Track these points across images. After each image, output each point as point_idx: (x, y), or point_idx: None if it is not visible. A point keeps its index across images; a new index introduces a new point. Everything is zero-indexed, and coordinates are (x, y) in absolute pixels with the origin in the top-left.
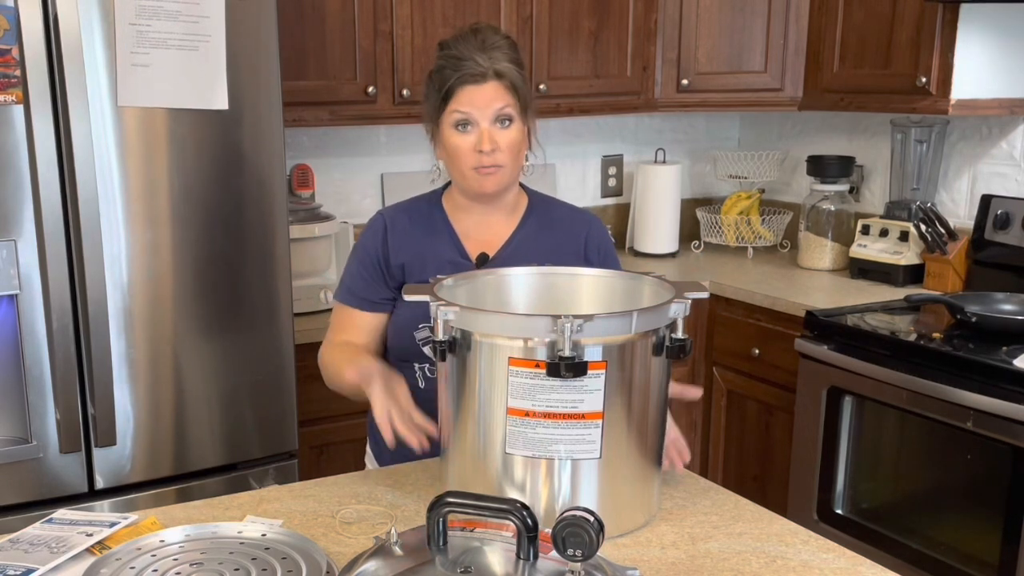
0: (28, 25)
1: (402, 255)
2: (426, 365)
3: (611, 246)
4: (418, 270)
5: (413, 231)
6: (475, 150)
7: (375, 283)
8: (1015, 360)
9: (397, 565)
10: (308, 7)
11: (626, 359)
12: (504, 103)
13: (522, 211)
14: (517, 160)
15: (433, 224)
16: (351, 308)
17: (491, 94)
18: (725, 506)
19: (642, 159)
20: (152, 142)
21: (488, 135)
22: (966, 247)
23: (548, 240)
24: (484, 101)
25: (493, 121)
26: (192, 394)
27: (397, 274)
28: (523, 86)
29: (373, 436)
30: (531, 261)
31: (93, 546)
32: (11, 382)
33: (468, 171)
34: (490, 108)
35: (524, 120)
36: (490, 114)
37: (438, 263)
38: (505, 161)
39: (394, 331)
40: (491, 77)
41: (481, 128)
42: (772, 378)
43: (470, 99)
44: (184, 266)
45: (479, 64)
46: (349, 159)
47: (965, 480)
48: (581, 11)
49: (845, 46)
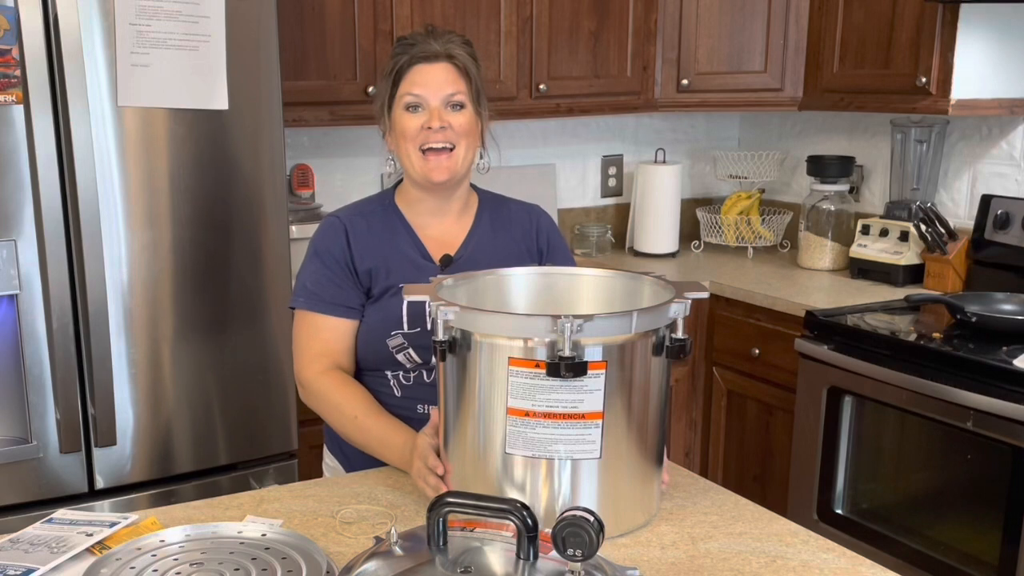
0: (28, 25)
1: (367, 260)
2: (399, 373)
3: (559, 236)
4: (383, 275)
5: (372, 234)
6: (424, 127)
7: (347, 287)
8: (1015, 360)
9: (397, 565)
10: (308, 7)
11: (626, 359)
12: (456, 89)
13: (474, 209)
14: (469, 148)
15: (391, 225)
16: (323, 315)
17: (443, 75)
18: (725, 506)
19: (642, 159)
20: (152, 142)
21: (439, 113)
22: (966, 247)
23: (505, 237)
24: (436, 82)
25: (444, 104)
26: (192, 394)
27: (364, 279)
28: (476, 75)
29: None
30: (491, 259)
31: (93, 546)
32: (11, 382)
33: (416, 154)
34: (442, 91)
35: (476, 111)
36: (442, 96)
37: (402, 265)
38: (456, 140)
39: (364, 340)
40: (443, 58)
41: (432, 107)
42: (772, 378)
43: (422, 79)
44: (184, 266)
45: (432, 46)
46: (349, 159)
47: (965, 480)
48: (581, 11)
49: (845, 46)
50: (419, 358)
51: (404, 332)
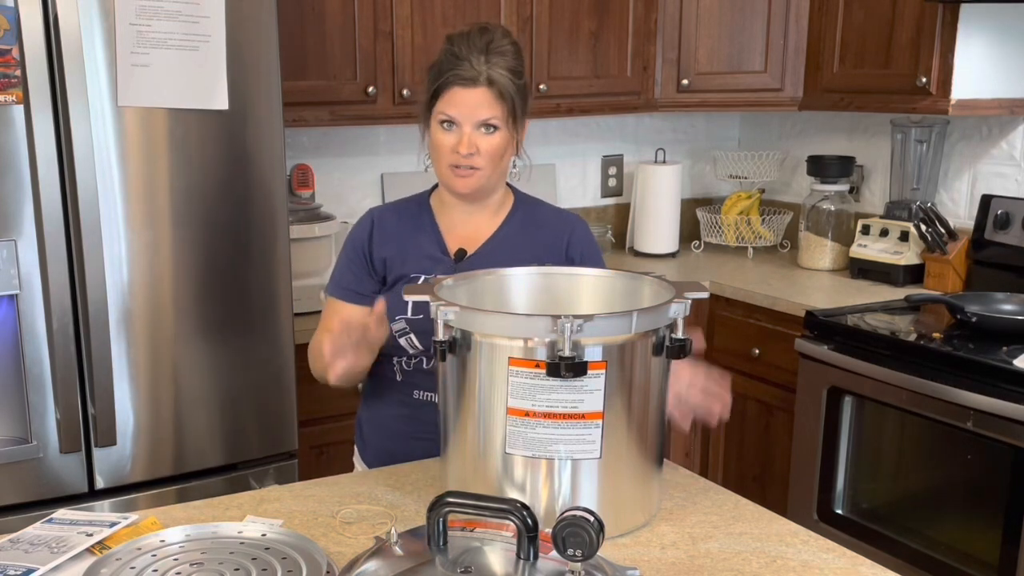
0: (28, 25)
1: (385, 249)
2: (402, 359)
3: (595, 248)
4: (399, 264)
5: (399, 227)
6: (454, 150)
7: (362, 276)
8: (1015, 360)
9: (397, 565)
10: (308, 7)
11: (626, 359)
12: (490, 114)
13: (507, 210)
14: (497, 165)
15: (419, 221)
16: (340, 301)
17: (479, 100)
18: (725, 506)
19: (642, 159)
20: (152, 142)
21: (468, 139)
22: (966, 247)
23: (530, 239)
24: (470, 107)
25: (477, 127)
26: (192, 394)
27: (379, 267)
28: (516, 95)
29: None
30: (511, 258)
31: (93, 546)
32: (11, 382)
33: (445, 168)
34: (475, 115)
35: (511, 128)
36: (475, 121)
37: (418, 258)
38: (482, 165)
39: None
40: (482, 83)
41: (464, 131)
42: (772, 378)
43: (458, 100)
44: (184, 266)
45: (473, 67)
46: (349, 159)
47: (965, 480)
48: (581, 11)
49: (845, 46)
50: (420, 344)
51: (407, 317)
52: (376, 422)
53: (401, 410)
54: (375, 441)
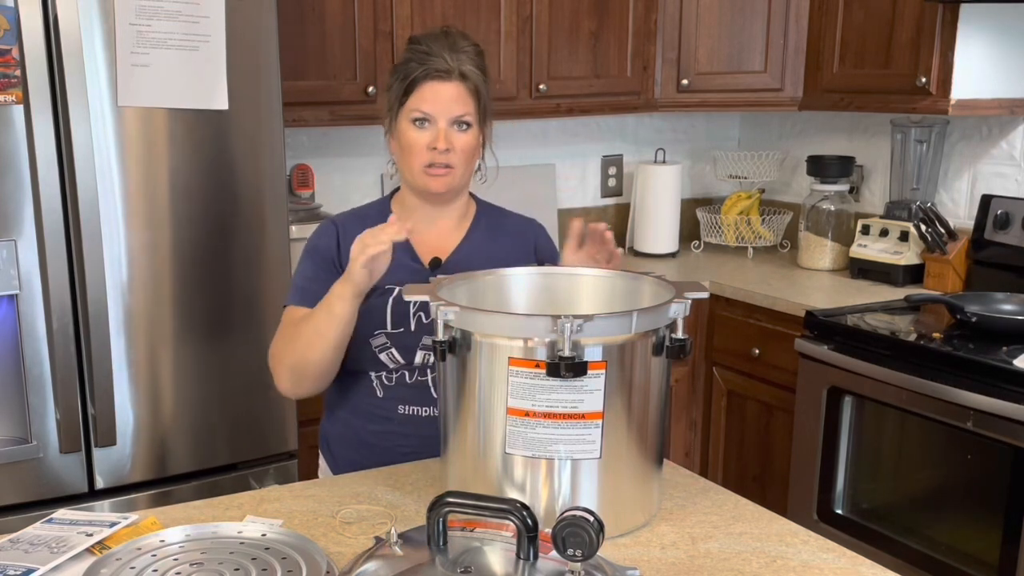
0: (28, 25)
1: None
2: (382, 373)
3: (556, 251)
4: None
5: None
6: (429, 147)
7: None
8: (1015, 360)
9: (397, 565)
10: (308, 7)
11: (626, 359)
12: (464, 110)
13: (471, 218)
14: (469, 165)
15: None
16: (304, 309)
17: (452, 94)
18: (725, 506)
19: (642, 159)
20: (152, 142)
21: (444, 134)
22: (966, 247)
23: (498, 247)
24: (444, 101)
25: (451, 124)
26: (192, 394)
27: None
28: (485, 94)
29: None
30: (486, 264)
31: (93, 546)
32: (11, 382)
33: (418, 169)
34: (450, 111)
35: (481, 128)
36: (450, 117)
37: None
38: (457, 163)
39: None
40: (456, 77)
41: (439, 126)
42: (772, 378)
43: (433, 95)
44: (184, 266)
45: (446, 61)
46: (349, 159)
47: (965, 480)
48: (581, 11)
49: (845, 46)
50: (402, 358)
51: (387, 332)
52: (349, 437)
53: (386, 425)
54: (350, 456)
